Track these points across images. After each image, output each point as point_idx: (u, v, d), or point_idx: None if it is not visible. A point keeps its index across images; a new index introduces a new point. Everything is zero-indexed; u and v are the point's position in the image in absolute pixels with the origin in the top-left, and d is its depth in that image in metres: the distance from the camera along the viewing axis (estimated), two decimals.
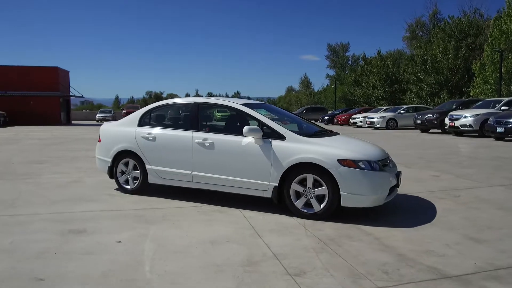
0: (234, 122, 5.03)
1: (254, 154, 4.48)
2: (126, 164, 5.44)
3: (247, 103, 4.99)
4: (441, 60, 32.58)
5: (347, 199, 4.08)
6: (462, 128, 15.75)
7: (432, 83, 32.98)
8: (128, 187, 5.44)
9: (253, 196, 4.55)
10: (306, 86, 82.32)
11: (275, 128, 4.50)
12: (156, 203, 4.90)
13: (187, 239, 3.57)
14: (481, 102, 17.41)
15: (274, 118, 4.94)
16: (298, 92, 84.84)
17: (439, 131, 18.37)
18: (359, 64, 51.33)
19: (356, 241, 3.57)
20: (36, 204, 4.85)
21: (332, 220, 4.13)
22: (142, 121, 5.42)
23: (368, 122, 24.05)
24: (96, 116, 41.75)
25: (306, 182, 4.26)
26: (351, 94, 47.69)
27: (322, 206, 4.18)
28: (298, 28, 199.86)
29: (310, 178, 4.23)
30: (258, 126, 4.55)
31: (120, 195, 5.37)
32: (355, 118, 26.56)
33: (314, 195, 4.22)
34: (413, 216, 4.38)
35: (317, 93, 73.60)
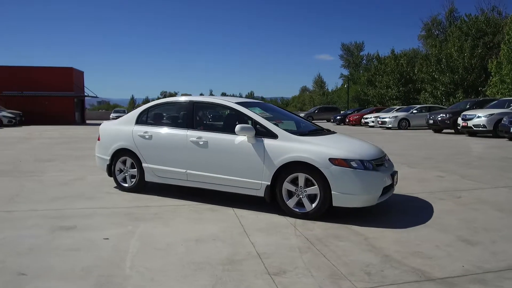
0: (228, 121, 5.02)
1: (247, 152, 4.46)
2: (124, 162, 5.49)
3: (242, 102, 4.97)
4: (456, 59, 31.92)
5: (339, 199, 4.02)
6: (475, 128, 15.38)
7: (447, 83, 32.34)
8: (126, 185, 5.49)
9: (246, 195, 4.54)
10: (320, 86, 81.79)
11: (267, 127, 4.48)
12: (151, 201, 4.93)
13: (173, 237, 3.58)
14: (495, 102, 16.96)
15: (269, 117, 4.91)
16: (312, 92, 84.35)
17: (452, 131, 17.98)
18: (373, 63, 50.66)
19: (344, 241, 3.51)
20: (35, 201, 4.94)
21: (324, 220, 4.08)
22: (140, 119, 5.47)
23: (379, 122, 23.71)
24: (110, 116, 42.38)
25: (298, 181, 4.22)
26: (364, 94, 47.15)
27: (314, 205, 4.13)
28: (313, 28, 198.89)
29: (302, 177, 4.19)
30: (251, 124, 4.53)
31: (118, 193, 5.42)
32: (366, 118, 26.23)
33: (306, 195, 4.18)
34: (408, 217, 4.29)
35: (330, 93, 73.06)
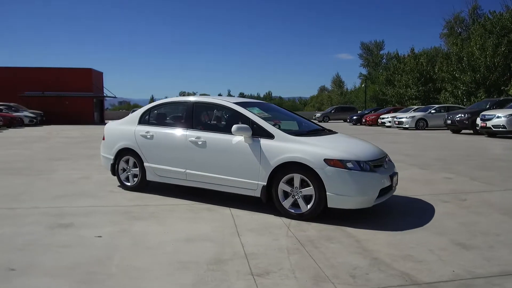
0: (227, 121, 5.03)
1: (244, 152, 4.45)
2: (127, 162, 5.58)
3: (240, 102, 4.97)
4: (478, 58, 30.97)
5: (333, 200, 3.97)
6: (494, 129, 14.91)
7: (468, 82, 31.41)
8: (129, 184, 5.58)
9: (243, 195, 4.53)
10: (339, 86, 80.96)
11: (264, 127, 4.46)
12: (151, 200, 4.99)
13: (165, 236, 3.61)
14: None
15: (268, 117, 4.89)
16: (330, 92, 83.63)
17: (471, 132, 17.48)
18: (392, 62, 49.72)
19: (336, 243, 3.46)
20: (39, 198, 5.08)
21: (319, 221, 4.03)
22: (142, 119, 5.54)
23: (396, 122, 23.25)
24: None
25: (294, 182, 4.19)
26: (383, 93, 46.36)
27: (309, 206, 4.09)
28: (333, 26, 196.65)
29: (297, 178, 4.16)
30: (248, 124, 4.52)
31: (120, 191, 5.51)
32: (383, 118, 25.77)
33: (302, 195, 4.14)
34: (406, 219, 4.19)
35: (348, 92, 72.24)
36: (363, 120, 29.02)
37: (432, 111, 22.47)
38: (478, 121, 15.84)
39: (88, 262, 2.98)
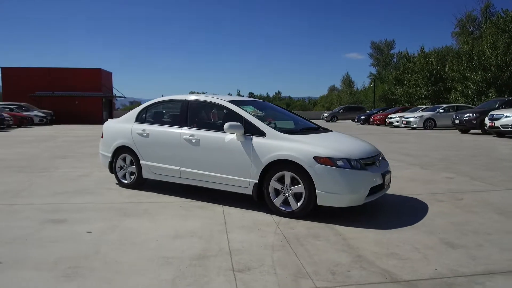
0: (220, 119, 5.06)
1: (236, 150, 4.47)
2: (124, 160, 5.65)
3: (234, 100, 5.00)
4: (489, 57, 30.47)
5: (323, 198, 3.96)
6: (502, 129, 14.66)
7: (479, 81, 30.93)
8: (126, 181, 5.65)
9: (235, 193, 4.55)
10: (348, 85, 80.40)
11: (256, 125, 4.47)
12: (146, 197, 5.04)
13: (154, 232, 3.65)
14: None
15: (261, 116, 4.90)
16: (340, 92, 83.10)
17: (480, 131, 17.23)
18: (401, 62, 49.18)
19: (322, 240, 3.45)
20: (37, 195, 5.17)
21: (309, 219, 4.03)
22: (139, 117, 5.60)
23: (404, 122, 23.02)
24: None
25: (284, 180, 4.19)
26: (392, 93, 45.90)
27: (299, 204, 4.09)
28: (343, 26, 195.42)
29: (287, 176, 4.16)
30: (241, 122, 4.54)
31: (118, 189, 5.58)
32: (391, 118, 25.53)
33: (292, 193, 4.14)
34: (397, 218, 4.16)
35: (357, 92, 71.71)
36: (371, 120, 28.80)
37: (441, 111, 22.19)
38: (487, 120, 15.60)
39: (73, 256, 3.03)
